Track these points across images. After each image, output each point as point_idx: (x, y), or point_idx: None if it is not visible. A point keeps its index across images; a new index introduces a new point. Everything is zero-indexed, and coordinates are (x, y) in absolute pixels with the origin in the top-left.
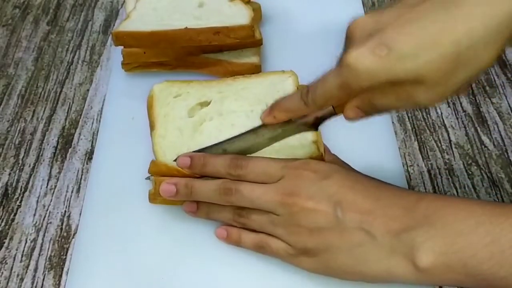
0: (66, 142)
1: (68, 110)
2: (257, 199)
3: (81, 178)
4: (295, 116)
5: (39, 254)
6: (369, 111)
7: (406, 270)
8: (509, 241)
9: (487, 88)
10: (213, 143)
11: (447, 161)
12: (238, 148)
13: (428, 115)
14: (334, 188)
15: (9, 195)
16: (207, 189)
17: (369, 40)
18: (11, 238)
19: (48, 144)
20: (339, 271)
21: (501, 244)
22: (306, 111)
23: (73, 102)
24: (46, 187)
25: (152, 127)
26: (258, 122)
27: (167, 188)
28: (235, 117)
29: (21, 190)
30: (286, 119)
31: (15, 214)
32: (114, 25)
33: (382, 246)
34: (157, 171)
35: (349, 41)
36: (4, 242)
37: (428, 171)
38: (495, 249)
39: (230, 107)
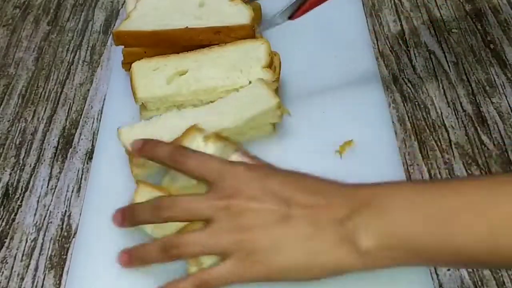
0: (66, 142)
1: (68, 110)
2: (195, 208)
3: (81, 178)
4: None
5: (40, 254)
6: None
7: (352, 257)
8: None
9: (487, 88)
10: None
11: (447, 161)
12: None
13: (428, 115)
14: (277, 186)
15: (10, 195)
16: (143, 209)
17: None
18: (11, 238)
19: (48, 144)
20: (291, 270)
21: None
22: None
23: (73, 102)
24: (47, 187)
25: (134, 97)
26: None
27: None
28: (213, 83)
29: (21, 190)
30: None
31: (15, 214)
32: (114, 25)
33: (330, 236)
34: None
35: None
36: (4, 242)
37: (428, 171)
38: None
39: (207, 74)
